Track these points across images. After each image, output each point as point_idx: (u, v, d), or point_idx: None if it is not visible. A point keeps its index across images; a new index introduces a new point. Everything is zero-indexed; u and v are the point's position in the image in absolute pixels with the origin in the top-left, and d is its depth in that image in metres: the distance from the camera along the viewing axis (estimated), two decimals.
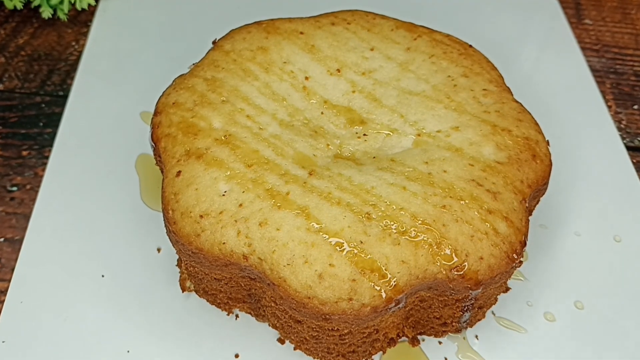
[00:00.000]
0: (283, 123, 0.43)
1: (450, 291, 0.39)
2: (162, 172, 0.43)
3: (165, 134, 0.42)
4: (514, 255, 0.39)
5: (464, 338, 0.44)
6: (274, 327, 0.43)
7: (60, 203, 0.50)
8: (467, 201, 0.38)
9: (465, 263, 0.37)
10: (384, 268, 0.36)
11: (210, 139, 0.41)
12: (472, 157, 0.41)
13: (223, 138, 0.41)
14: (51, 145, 0.54)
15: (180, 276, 0.45)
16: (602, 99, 0.60)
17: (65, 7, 0.64)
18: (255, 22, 0.49)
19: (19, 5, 0.64)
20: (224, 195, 0.39)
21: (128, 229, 0.48)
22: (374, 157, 0.41)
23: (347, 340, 0.40)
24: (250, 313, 0.44)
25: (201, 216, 0.38)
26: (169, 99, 0.44)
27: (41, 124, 0.56)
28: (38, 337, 0.42)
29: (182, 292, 0.45)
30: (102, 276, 0.46)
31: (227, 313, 0.44)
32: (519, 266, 0.40)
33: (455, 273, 0.37)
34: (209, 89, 0.44)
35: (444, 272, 0.37)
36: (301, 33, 0.47)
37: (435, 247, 0.37)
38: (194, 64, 0.47)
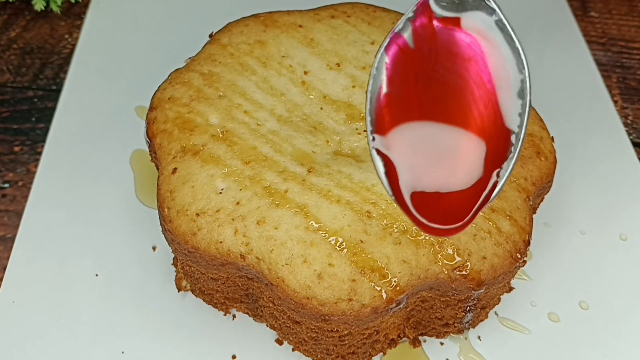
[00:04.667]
0: (281, 119, 0.42)
1: (452, 291, 0.38)
2: (157, 168, 0.42)
3: (160, 130, 0.42)
4: (518, 254, 0.38)
5: (466, 339, 0.43)
6: (272, 327, 0.42)
7: (53, 200, 0.49)
8: None
9: (468, 263, 0.37)
10: (384, 268, 0.36)
11: (207, 135, 0.40)
12: None
13: (220, 134, 0.40)
14: (44, 141, 0.53)
15: (176, 275, 0.45)
16: (608, 93, 0.59)
17: None
18: (253, 15, 0.48)
19: None
20: (221, 193, 0.38)
21: (123, 227, 0.47)
22: None
23: (346, 342, 0.40)
24: (247, 313, 0.44)
25: (197, 214, 0.38)
26: (165, 94, 0.43)
27: (34, 119, 0.55)
28: (30, 337, 0.42)
29: (178, 291, 0.44)
30: (96, 275, 0.45)
31: (224, 313, 0.44)
32: (523, 265, 0.40)
33: (458, 273, 0.37)
34: (206, 84, 0.43)
35: (446, 272, 0.37)
36: (300, 26, 0.47)
37: (437, 247, 0.37)
38: (190, 58, 0.46)
